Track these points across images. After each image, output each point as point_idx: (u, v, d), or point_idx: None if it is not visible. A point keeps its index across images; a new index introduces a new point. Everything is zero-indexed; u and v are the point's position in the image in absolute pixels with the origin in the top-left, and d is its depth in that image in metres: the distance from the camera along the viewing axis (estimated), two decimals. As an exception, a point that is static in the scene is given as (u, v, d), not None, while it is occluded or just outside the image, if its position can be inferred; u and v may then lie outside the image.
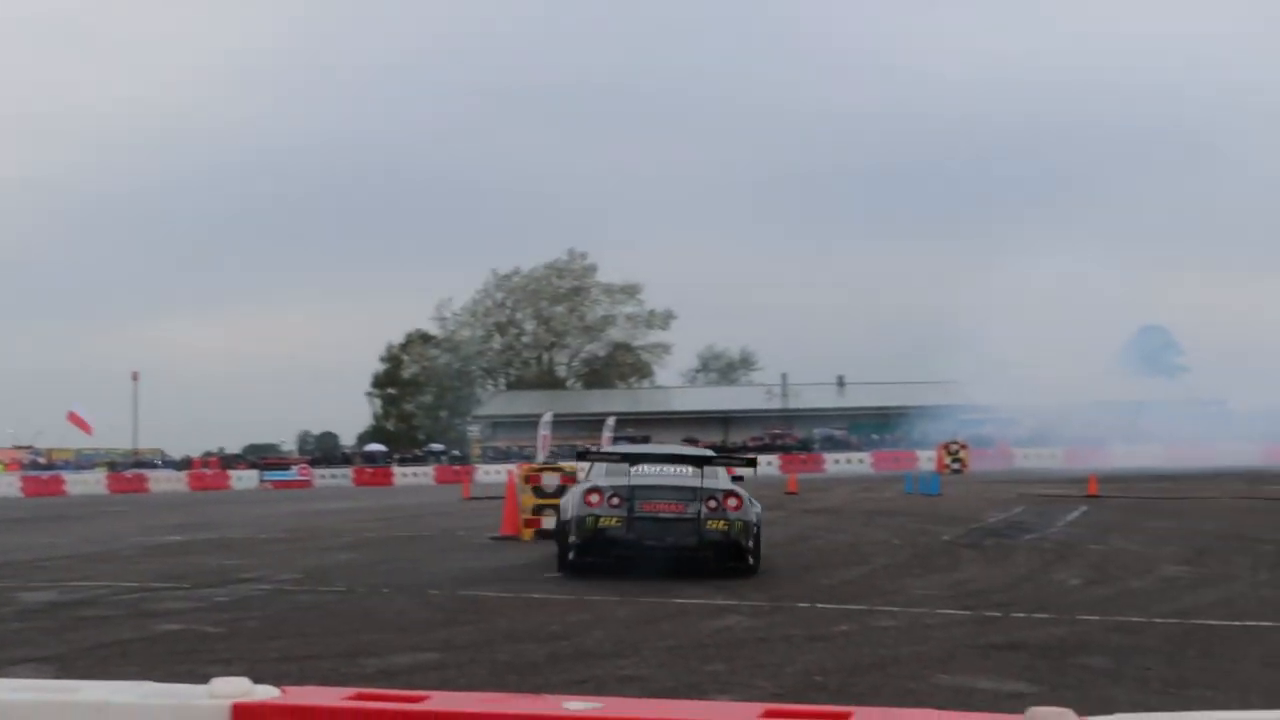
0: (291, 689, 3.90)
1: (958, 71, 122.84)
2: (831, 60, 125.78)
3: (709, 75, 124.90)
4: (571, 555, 14.75)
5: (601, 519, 14.38)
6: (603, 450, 17.55)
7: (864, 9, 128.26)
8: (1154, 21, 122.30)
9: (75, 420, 52.50)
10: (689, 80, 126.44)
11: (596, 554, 14.67)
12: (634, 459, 15.29)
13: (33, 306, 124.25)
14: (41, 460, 73.11)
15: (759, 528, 14.82)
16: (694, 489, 14.37)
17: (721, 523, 14.23)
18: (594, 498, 14.59)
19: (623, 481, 14.62)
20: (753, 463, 15.49)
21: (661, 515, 14.31)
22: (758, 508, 14.98)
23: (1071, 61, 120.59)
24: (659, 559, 14.35)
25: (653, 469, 15.06)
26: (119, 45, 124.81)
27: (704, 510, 14.23)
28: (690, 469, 14.85)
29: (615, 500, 14.44)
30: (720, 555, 14.42)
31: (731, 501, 14.39)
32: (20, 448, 77.27)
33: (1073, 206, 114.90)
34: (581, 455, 16.15)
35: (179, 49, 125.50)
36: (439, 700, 3.70)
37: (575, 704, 3.52)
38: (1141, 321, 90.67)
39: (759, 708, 3.41)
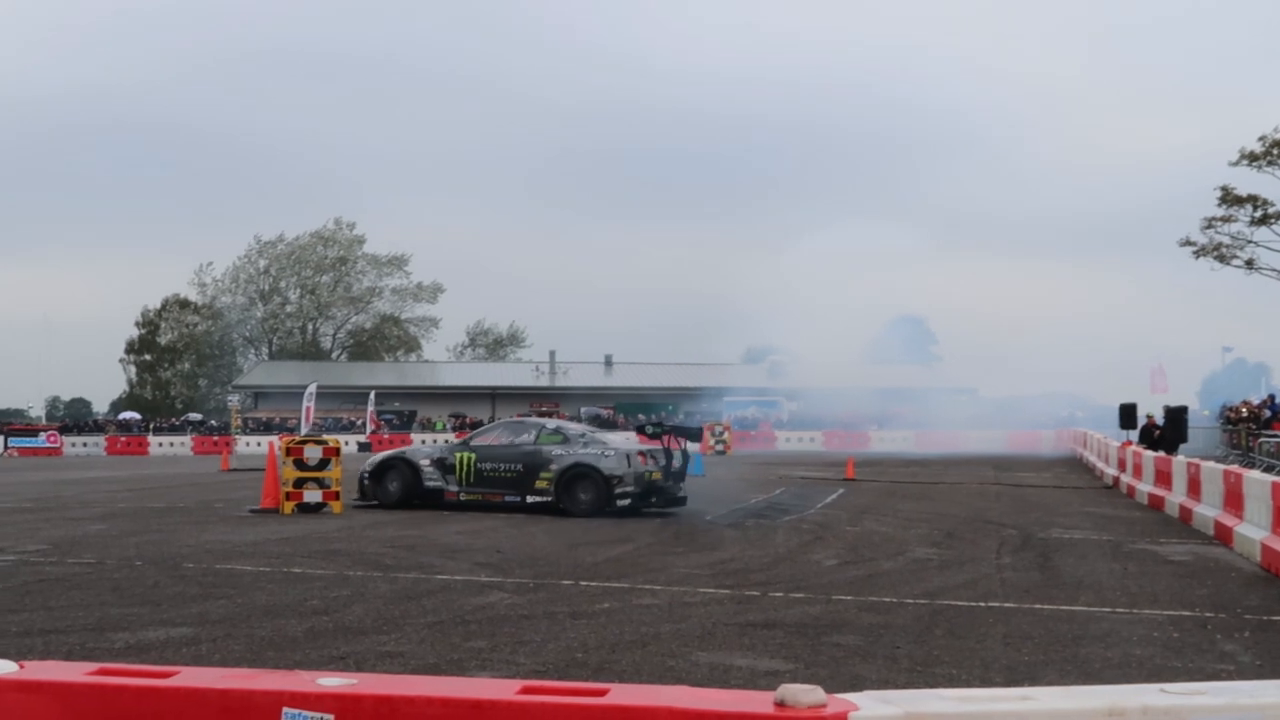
0: (31, 664, 3.74)
1: (729, 59, 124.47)
2: (602, 42, 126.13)
3: (481, 52, 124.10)
4: (628, 501, 19.56)
5: (653, 474, 19.87)
6: (663, 423, 25.18)
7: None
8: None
9: None
10: (462, 55, 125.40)
11: (646, 500, 19.82)
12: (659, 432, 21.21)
13: None
14: None
15: None
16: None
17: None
18: (640, 459, 19.86)
19: (659, 446, 20.41)
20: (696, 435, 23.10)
21: (674, 469, 20.33)
22: None
23: (843, 51, 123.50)
24: (668, 500, 20.25)
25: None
26: None
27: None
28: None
29: (654, 460, 20.07)
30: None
31: None
32: None
33: (842, 196, 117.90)
34: (655, 430, 21.58)
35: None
36: (187, 676, 3.59)
37: (330, 680, 3.45)
38: (901, 311, 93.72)
39: (516, 684, 3.39)
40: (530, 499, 20.01)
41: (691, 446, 22.78)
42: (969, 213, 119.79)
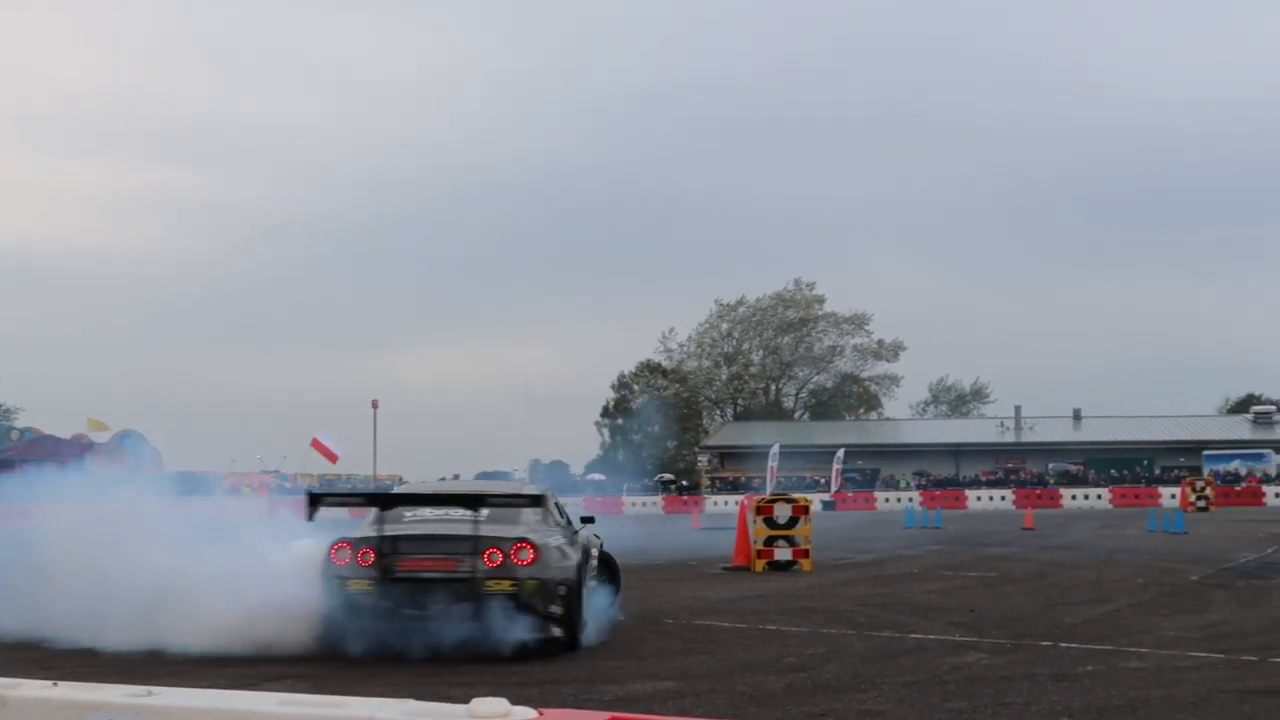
0: (549, 711, 3.97)
1: (1175, 93, 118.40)
2: (1057, 81, 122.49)
3: (933, 99, 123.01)
4: None
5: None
6: None
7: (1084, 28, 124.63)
8: None
9: (319, 448, 54.11)
10: (912, 105, 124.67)
11: None
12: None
13: (275, 336, 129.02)
14: (288, 485, 75.82)
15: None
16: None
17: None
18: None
19: None
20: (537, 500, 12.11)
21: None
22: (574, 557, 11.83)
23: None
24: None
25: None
26: (364, 82, 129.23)
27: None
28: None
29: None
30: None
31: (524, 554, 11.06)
32: (267, 472, 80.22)
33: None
34: None
35: (429, 82, 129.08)
36: (693, 727, 3.73)
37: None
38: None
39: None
40: None
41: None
42: None
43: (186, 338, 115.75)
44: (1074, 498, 61.33)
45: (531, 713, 3.91)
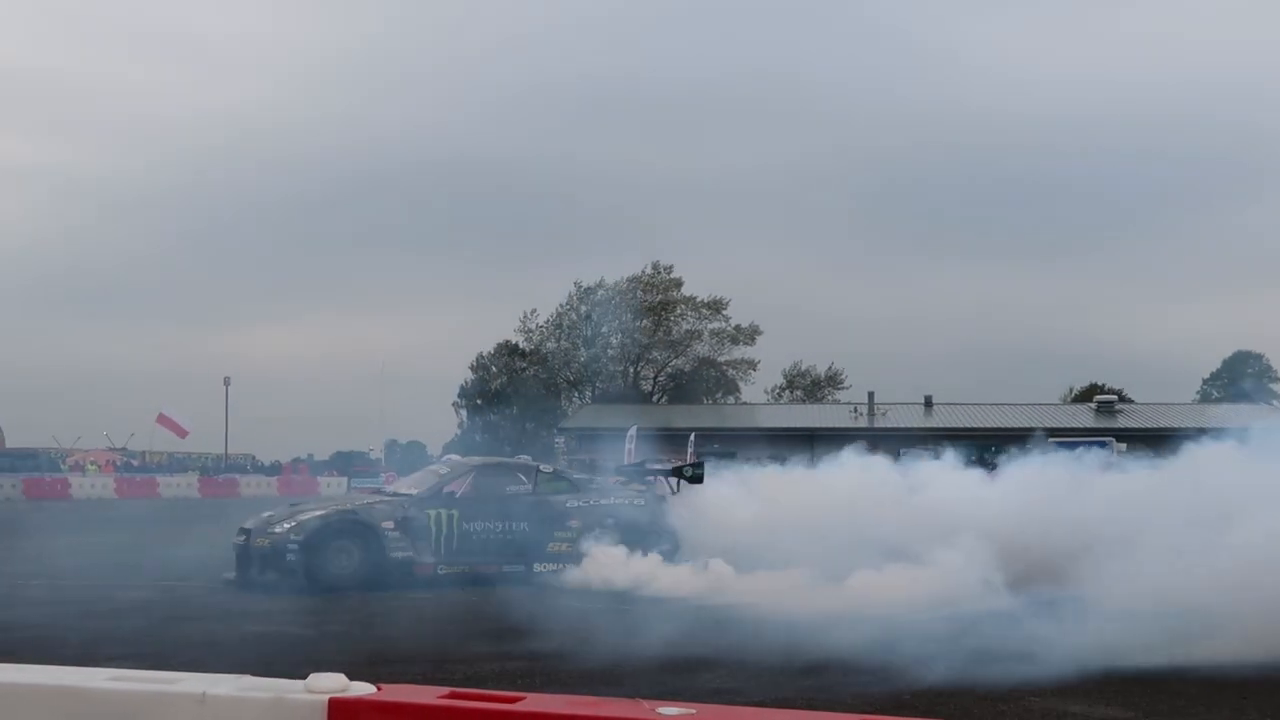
0: (387, 686, 3.93)
1: (1029, 80, 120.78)
2: (915, 66, 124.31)
3: (789, 82, 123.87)
4: None
5: None
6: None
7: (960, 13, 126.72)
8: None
9: (166, 423, 52.90)
10: (768, 89, 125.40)
11: None
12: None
13: (127, 311, 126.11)
14: (135, 462, 74.25)
15: None
16: None
17: None
18: None
19: None
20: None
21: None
22: None
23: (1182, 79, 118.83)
24: None
25: None
26: (213, 51, 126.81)
27: None
28: None
29: None
30: None
31: None
32: (114, 449, 78.51)
33: (1167, 231, 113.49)
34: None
35: (262, 52, 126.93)
36: (532, 702, 3.71)
37: (669, 709, 3.51)
38: (1238, 345, 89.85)
39: (854, 719, 3.38)
40: (541, 568, 15.92)
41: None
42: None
43: (32, 314, 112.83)
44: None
45: (370, 688, 3.87)
